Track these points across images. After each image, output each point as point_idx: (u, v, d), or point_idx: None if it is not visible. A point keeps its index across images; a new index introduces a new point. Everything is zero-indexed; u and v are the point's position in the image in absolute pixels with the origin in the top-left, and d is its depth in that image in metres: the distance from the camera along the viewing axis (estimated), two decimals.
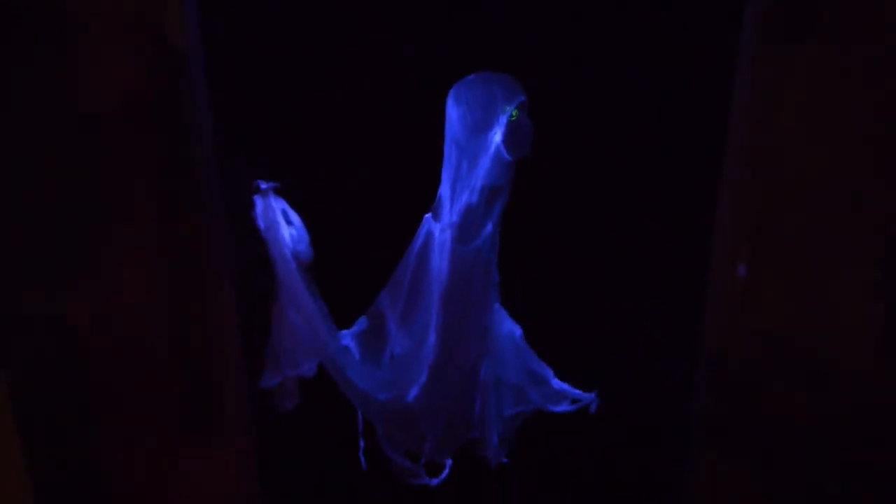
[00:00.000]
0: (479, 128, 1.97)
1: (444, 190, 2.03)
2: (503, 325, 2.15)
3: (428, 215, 2.05)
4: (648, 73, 2.67)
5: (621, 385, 2.94)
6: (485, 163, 1.99)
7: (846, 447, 2.20)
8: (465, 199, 2.01)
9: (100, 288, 2.27)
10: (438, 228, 2.03)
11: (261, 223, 1.96)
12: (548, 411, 2.19)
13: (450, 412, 2.12)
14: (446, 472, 2.19)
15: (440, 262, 2.04)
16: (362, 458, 2.22)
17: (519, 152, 2.00)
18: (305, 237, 1.99)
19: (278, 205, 1.97)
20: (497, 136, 1.97)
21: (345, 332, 2.15)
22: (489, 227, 2.04)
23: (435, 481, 2.18)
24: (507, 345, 2.15)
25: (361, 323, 2.16)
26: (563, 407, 2.18)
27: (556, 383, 2.19)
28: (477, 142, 1.98)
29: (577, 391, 2.17)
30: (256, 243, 2.83)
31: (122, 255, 2.27)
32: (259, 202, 1.96)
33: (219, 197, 2.49)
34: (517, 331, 2.16)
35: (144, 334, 2.34)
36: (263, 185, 1.94)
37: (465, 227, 2.02)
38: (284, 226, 2.00)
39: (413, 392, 2.10)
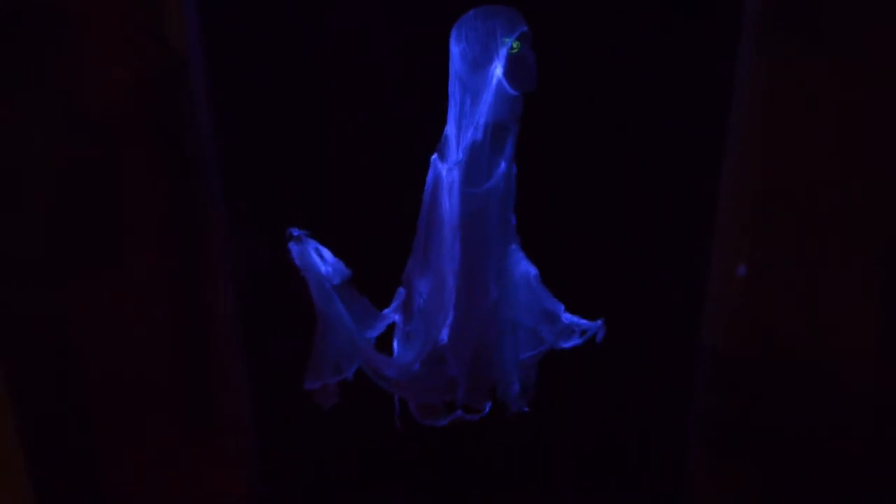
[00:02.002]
0: (480, 62, 1.96)
1: (450, 129, 2.02)
2: (518, 266, 2.14)
3: (434, 156, 2.05)
4: (650, 76, 2.68)
5: (621, 384, 2.94)
6: (487, 98, 1.97)
7: (846, 446, 2.20)
8: (469, 136, 1.99)
9: (100, 289, 2.27)
10: (445, 169, 2.03)
11: (298, 265, 2.02)
12: (558, 349, 2.17)
13: (476, 352, 2.12)
14: (487, 410, 2.20)
15: (450, 203, 2.04)
16: (398, 422, 2.23)
17: (523, 86, 1.97)
18: (340, 268, 2.08)
19: (311, 246, 2.03)
20: (498, 69, 1.96)
21: (386, 310, 2.17)
22: (502, 166, 2.02)
23: (475, 417, 2.20)
24: (522, 287, 2.14)
25: (400, 295, 2.16)
26: (573, 341, 2.15)
27: (566, 317, 2.16)
28: (479, 77, 1.96)
29: (585, 322, 2.15)
30: (256, 244, 2.84)
31: (123, 256, 2.27)
32: (294, 248, 2.02)
33: (219, 197, 2.49)
34: (532, 271, 2.15)
35: (145, 335, 2.33)
36: (296, 233, 2.03)
37: (473, 166, 2.01)
38: (320, 263, 2.05)
39: (444, 334, 2.11)
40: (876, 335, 2.14)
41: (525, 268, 2.16)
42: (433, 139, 2.17)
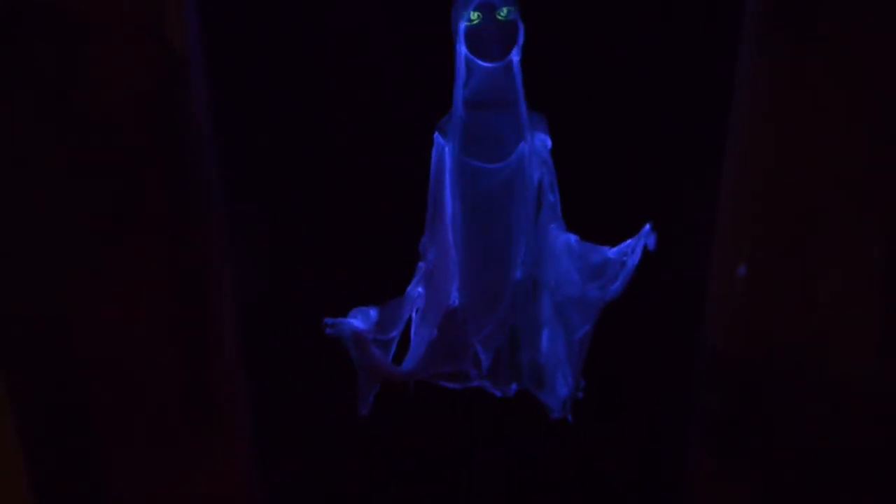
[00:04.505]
0: (455, 38, 2.00)
1: (453, 106, 2.06)
2: (557, 242, 2.13)
3: (436, 133, 2.08)
4: (649, 75, 2.68)
5: (621, 384, 2.94)
6: (461, 73, 2.01)
7: (846, 447, 2.20)
8: (456, 112, 2.02)
9: (100, 288, 2.27)
10: (447, 144, 2.06)
11: (338, 338, 2.12)
12: (609, 300, 2.13)
13: (496, 324, 2.14)
14: (513, 391, 2.23)
15: (450, 177, 2.06)
16: (411, 390, 2.26)
17: (484, 56, 1.99)
18: (369, 322, 2.13)
19: (345, 327, 2.10)
20: (462, 44, 1.99)
21: (409, 287, 2.19)
22: (521, 146, 2.04)
23: (504, 392, 2.22)
24: (564, 258, 2.13)
25: (420, 269, 2.19)
26: (622, 279, 2.11)
27: (613, 252, 2.13)
28: (457, 52, 2.02)
29: (630, 241, 2.12)
30: (256, 245, 2.84)
31: (123, 256, 2.27)
32: (332, 333, 2.11)
33: (219, 197, 2.49)
34: (572, 237, 2.14)
35: (145, 335, 2.33)
36: (329, 321, 2.10)
37: (479, 143, 2.04)
38: (354, 331, 2.11)
39: (453, 296, 2.12)
40: (876, 335, 2.14)
41: (564, 239, 2.15)
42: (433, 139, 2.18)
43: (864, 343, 2.15)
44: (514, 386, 2.25)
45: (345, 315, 2.12)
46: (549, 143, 2.11)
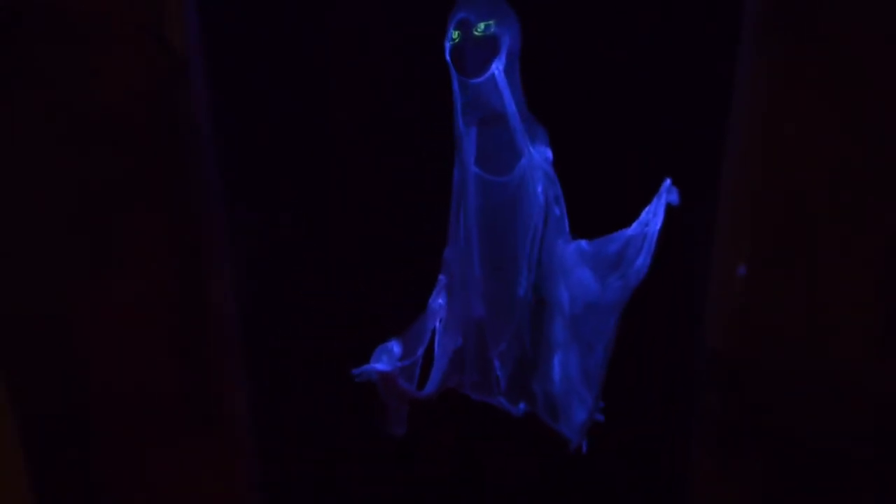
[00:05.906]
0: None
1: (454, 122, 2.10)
2: (566, 253, 2.12)
3: (456, 149, 2.11)
4: (649, 75, 2.68)
5: (621, 385, 2.94)
6: (456, 89, 2.04)
7: (847, 446, 2.20)
8: (457, 127, 2.06)
9: (100, 288, 2.27)
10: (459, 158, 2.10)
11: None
12: (634, 286, 2.10)
13: (512, 338, 2.14)
14: (522, 408, 2.24)
15: (467, 191, 2.10)
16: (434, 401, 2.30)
17: (465, 72, 2.03)
18: (392, 359, 2.15)
19: (371, 374, 2.11)
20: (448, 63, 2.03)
21: (431, 299, 2.20)
22: (522, 160, 2.05)
23: (515, 410, 2.24)
24: (577, 269, 2.12)
25: (441, 281, 2.20)
26: (645, 252, 2.06)
27: (631, 229, 2.08)
28: (450, 70, 2.06)
29: (649, 206, 2.06)
30: (256, 244, 2.84)
31: (123, 256, 2.27)
32: (360, 380, 2.13)
33: (219, 197, 2.49)
34: (583, 243, 2.13)
35: (145, 335, 2.34)
36: (356, 371, 2.12)
37: (487, 156, 2.05)
38: (383, 372, 2.12)
39: (474, 308, 2.14)
40: (876, 335, 2.14)
41: (574, 248, 2.14)
42: (433, 139, 2.19)
43: (864, 343, 2.15)
44: (521, 405, 2.25)
45: (350, 321, 2.13)
46: (549, 155, 2.11)
